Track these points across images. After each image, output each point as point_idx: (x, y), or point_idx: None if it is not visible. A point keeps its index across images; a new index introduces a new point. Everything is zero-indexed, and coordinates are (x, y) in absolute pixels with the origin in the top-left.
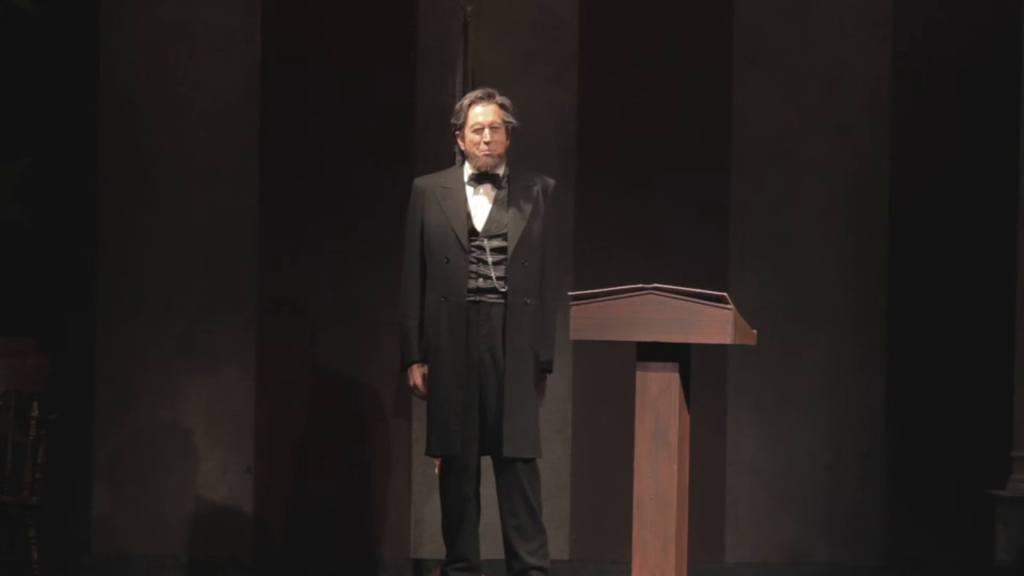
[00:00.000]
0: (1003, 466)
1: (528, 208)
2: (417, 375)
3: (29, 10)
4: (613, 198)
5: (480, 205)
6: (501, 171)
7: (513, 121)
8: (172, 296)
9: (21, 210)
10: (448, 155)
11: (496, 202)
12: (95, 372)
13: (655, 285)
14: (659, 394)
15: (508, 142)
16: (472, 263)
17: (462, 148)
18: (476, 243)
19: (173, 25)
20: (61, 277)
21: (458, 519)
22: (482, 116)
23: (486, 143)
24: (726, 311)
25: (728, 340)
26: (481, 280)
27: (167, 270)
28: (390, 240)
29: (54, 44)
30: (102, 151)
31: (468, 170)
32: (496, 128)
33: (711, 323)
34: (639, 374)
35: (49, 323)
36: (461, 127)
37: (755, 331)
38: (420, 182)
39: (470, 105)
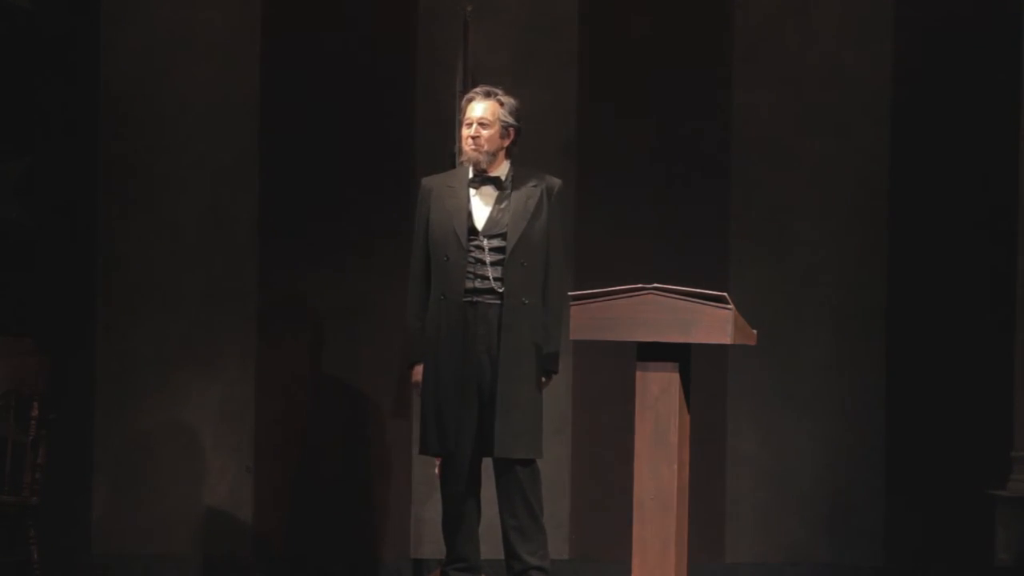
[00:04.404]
0: (1003, 466)
1: (530, 208)
2: (419, 375)
3: (29, 10)
4: (613, 198)
5: (481, 205)
6: (499, 171)
7: (511, 121)
8: (172, 296)
9: (21, 210)
10: (448, 155)
11: (497, 202)
12: (95, 372)
13: (655, 285)
14: (659, 394)
15: (504, 142)
16: (470, 263)
17: None
18: (475, 242)
19: (173, 25)
20: (61, 277)
21: (458, 519)
22: (473, 111)
23: (472, 138)
24: (726, 311)
25: (728, 340)
26: (478, 280)
27: (167, 270)
28: (390, 240)
29: (54, 44)
30: (102, 151)
31: (472, 170)
32: (485, 124)
33: (711, 323)
34: (639, 374)
35: (49, 323)
36: (462, 123)
37: (755, 331)
38: (427, 181)
39: (468, 101)
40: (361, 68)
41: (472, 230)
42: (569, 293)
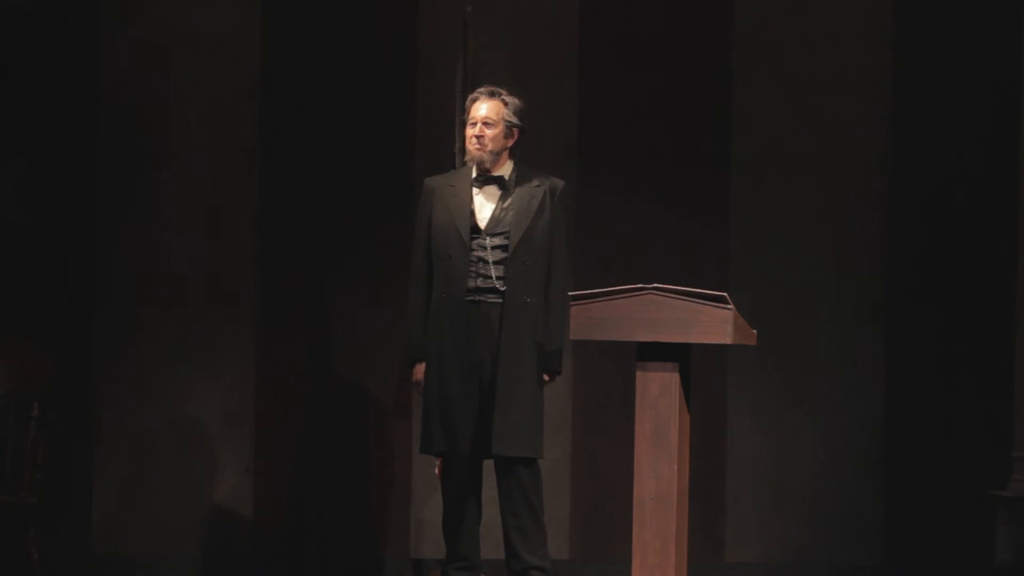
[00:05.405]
0: (1003, 466)
1: (533, 208)
2: (420, 373)
3: (29, 10)
4: (613, 198)
5: (484, 204)
6: (502, 171)
7: (515, 121)
8: (172, 296)
9: (21, 210)
10: (449, 155)
11: (500, 201)
12: (95, 372)
13: (655, 285)
14: (659, 394)
15: (508, 142)
16: (472, 262)
17: None
18: (478, 241)
19: (173, 25)
20: (61, 277)
21: (458, 518)
22: (477, 111)
23: (477, 137)
24: (726, 311)
25: (728, 340)
26: (480, 279)
27: (167, 270)
28: (390, 240)
29: (54, 44)
30: (102, 151)
31: (475, 170)
32: (490, 124)
33: (711, 323)
34: (639, 374)
35: (49, 323)
36: (465, 123)
37: (755, 331)
38: (430, 181)
39: (472, 100)
40: (361, 68)
41: (475, 229)
42: (569, 293)
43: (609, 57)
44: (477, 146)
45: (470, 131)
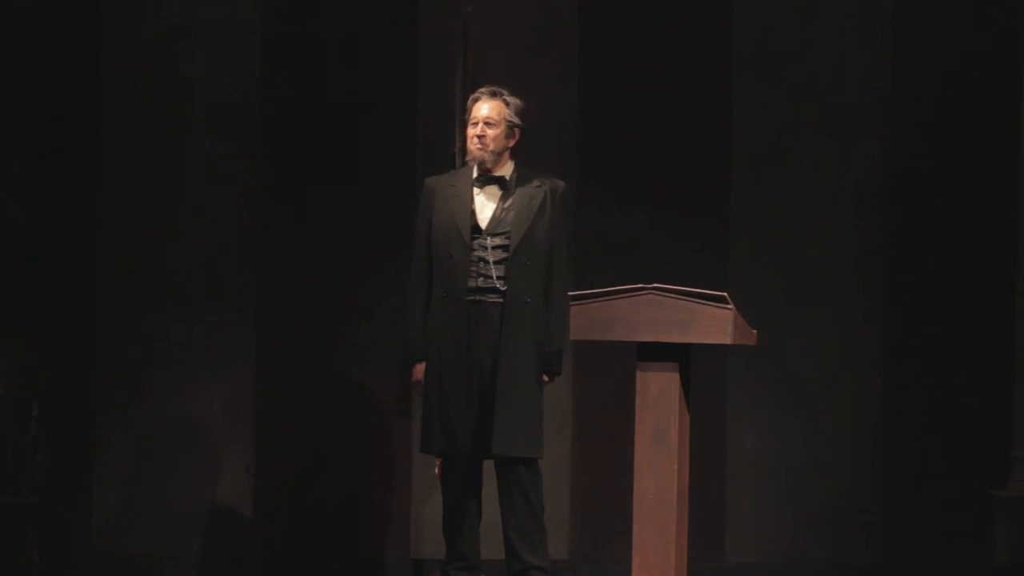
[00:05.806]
0: (1003, 466)
1: (534, 208)
2: (420, 373)
3: (29, 10)
4: (613, 198)
5: (485, 204)
6: (503, 171)
7: (517, 121)
8: (172, 296)
9: (21, 210)
10: (449, 155)
11: (501, 201)
12: (95, 372)
13: (655, 285)
14: (659, 394)
15: (510, 142)
16: (473, 262)
17: None
18: (479, 241)
19: (173, 25)
20: (61, 277)
21: (458, 518)
22: (479, 111)
23: (478, 137)
24: (726, 311)
25: (728, 340)
26: (481, 279)
27: (167, 270)
28: (390, 239)
29: (54, 44)
30: (102, 151)
31: (476, 170)
32: (491, 124)
33: (711, 323)
34: (639, 374)
35: (49, 323)
36: (466, 123)
37: (755, 331)
38: (431, 181)
39: (474, 100)
40: (361, 68)
41: (476, 228)
42: (569, 293)
43: (609, 57)
44: (479, 146)
45: (471, 131)
